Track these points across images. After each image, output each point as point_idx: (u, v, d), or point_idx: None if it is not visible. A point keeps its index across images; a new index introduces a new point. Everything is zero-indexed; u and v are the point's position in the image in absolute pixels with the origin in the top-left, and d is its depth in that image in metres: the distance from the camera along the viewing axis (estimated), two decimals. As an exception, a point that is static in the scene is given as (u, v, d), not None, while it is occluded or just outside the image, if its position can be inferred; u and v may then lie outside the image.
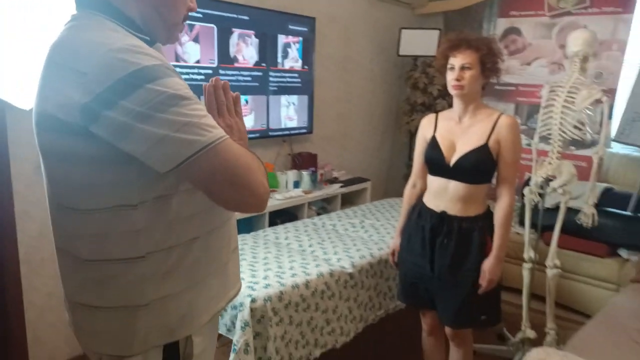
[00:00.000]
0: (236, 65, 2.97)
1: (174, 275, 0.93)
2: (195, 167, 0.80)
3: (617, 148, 3.60)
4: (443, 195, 1.82)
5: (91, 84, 0.76)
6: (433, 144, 1.85)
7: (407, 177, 4.37)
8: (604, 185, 3.33)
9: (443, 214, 1.81)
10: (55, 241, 0.96)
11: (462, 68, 1.75)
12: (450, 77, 1.79)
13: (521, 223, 3.41)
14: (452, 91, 1.80)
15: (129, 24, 0.89)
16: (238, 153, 0.85)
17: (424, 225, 1.86)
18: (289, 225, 2.73)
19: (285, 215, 3.08)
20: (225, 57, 2.90)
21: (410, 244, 1.92)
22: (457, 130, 1.81)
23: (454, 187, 1.79)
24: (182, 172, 0.81)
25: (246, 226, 2.79)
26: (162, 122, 0.77)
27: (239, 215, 1.68)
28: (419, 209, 1.92)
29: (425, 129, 1.92)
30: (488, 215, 1.83)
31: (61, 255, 0.96)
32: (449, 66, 1.80)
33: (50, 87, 0.82)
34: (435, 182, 1.86)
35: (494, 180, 1.85)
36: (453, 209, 1.80)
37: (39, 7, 1.91)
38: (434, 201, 1.86)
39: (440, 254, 1.81)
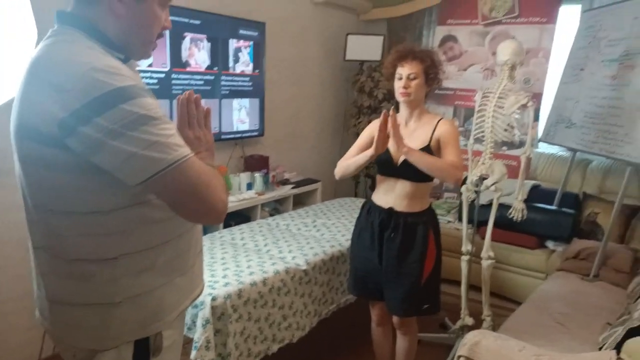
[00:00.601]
0: (188, 69, 3.02)
1: (146, 275, 1.00)
2: (161, 183, 0.88)
3: (543, 148, 3.94)
4: (391, 192, 1.99)
5: (69, 100, 0.83)
6: None
7: (355, 177, 4.59)
8: (532, 182, 3.64)
9: (391, 210, 1.98)
10: (33, 241, 1.01)
11: (409, 77, 1.93)
12: (398, 85, 1.96)
13: (459, 219, 3.67)
14: (399, 98, 1.98)
15: (106, 41, 0.96)
16: (200, 171, 0.93)
17: (372, 220, 2.02)
18: (243, 226, 2.81)
19: (239, 217, 3.15)
20: (178, 62, 2.94)
21: (360, 239, 2.07)
22: (403, 133, 1.98)
23: (401, 185, 1.96)
24: (149, 186, 0.89)
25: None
26: (132, 139, 0.84)
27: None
28: (368, 206, 2.08)
29: (374, 131, 2.07)
30: (431, 211, 2.02)
31: (39, 254, 1.00)
32: (396, 75, 1.97)
33: (30, 100, 0.88)
34: (383, 181, 2.02)
35: (436, 180, 2.03)
36: (400, 205, 1.97)
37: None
38: (382, 198, 2.02)
39: (388, 247, 1.97)
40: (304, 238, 2.61)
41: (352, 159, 1.99)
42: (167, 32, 2.86)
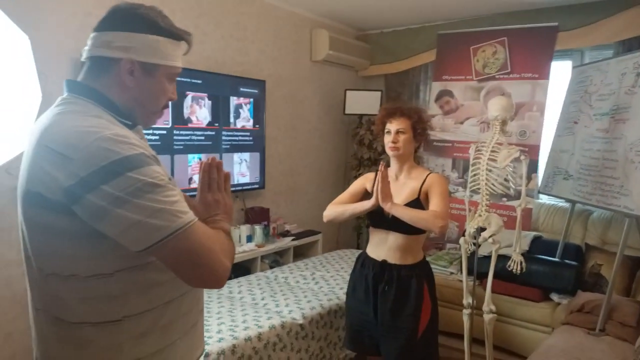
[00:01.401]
0: (190, 125, 3.11)
1: (148, 337, 0.99)
2: (164, 250, 0.89)
3: (545, 199, 3.95)
4: (383, 245, 1.99)
5: (76, 169, 0.85)
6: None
7: (357, 228, 4.60)
8: (534, 233, 3.62)
9: (384, 263, 1.97)
10: (35, 302, 1.00)
11: (397, 132, 1.99)
12: (387, 140, 2.02)
13: (461, 270, 3.63)
14: (389, 152, 2.03)
15: (114, 109, 1.00)
16: (203, 237, 0.94)
17: (367, 274, 2.01)
18: (242, 279, 2.80)
19: (238, 270, 3.14)
20: (180, 119, 3.03)
21: (355, 293, 2.06)
22: (394, 187, 2.01)
23: (393, 237, 1.97)
24: (153, 252, 0.90)
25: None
26: (137, 207, 0.86)
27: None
28: (362, 259, 2.07)
29: (366, 182, 2.13)
30: (425, 263, 2.02)
31: (40, 316, 0.99)
32: (386, 130, 2.04)
33: (37, 168, 0.91)
34: (376, 234, 2.03)
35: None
36: (393, 258, 1.97)
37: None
38: (375, 251, 2.02)
39: (382, 300, 1.95)
40: (302, 291, 2.59)
41: (350, 206, 2.01)
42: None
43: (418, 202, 1.95)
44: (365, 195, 2.08)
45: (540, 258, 3.27)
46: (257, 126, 3.68)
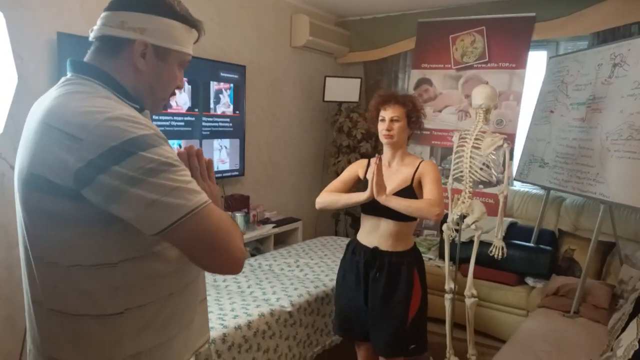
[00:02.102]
0: (170, 111, 3.03)
1: (149, 331, 0.96)
2: (180, 231, 0.85)
3: (519, 186, 4.05)
4: (375, 232, 2.00)
5: (86, 150, 0.81)
6: (366, 185, 2.03)
7: (336, 215, 4.61)
8: (510, 219, 3.71)
9: (375, 250, 1.99)
10: (32, 294, 0.96)
11: (392, 120, 1.98)
12: (382, 128, 2.02)
13: (440, 256, 3.70)
14: (383, 140, 2.03)
15: (122, 92, 0.96)
16: (220, 218, 0.90)
17: (358, 261, 2.02)
18: (224, 267, 2.76)
19: (219, 258, 3.10)
20: (159, 103, 2.95)
21: (346, 280, 2.07)
22: (386, 174, 2.02)
23: (385, 224, 1.98)
24: (169, 235, 0.85)
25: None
26: (152, 186, 0.82)
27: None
28: (353, 246, 2.08)
29: (358, 169, 2.12)
30: (415, 250, 2.04)
31: (37, 309, 0.95)
32: (380, 118, 2.03)
33: (42, 150, 0.86)
34: (368, 221, 2.04)
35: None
36: (384, 245, 1.98)
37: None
38: (367, 238, 2.03)
39: (373, 287, 1.97)
40: (288, 279, 2.59)
41: (344, 195, 2.01)
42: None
43: (411, 190, 1.96)
44: (357, 182, 2.08)
45: (517, 244, 3.37)
46: (237, 112, 3.62)
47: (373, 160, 2.12)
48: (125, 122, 0.84)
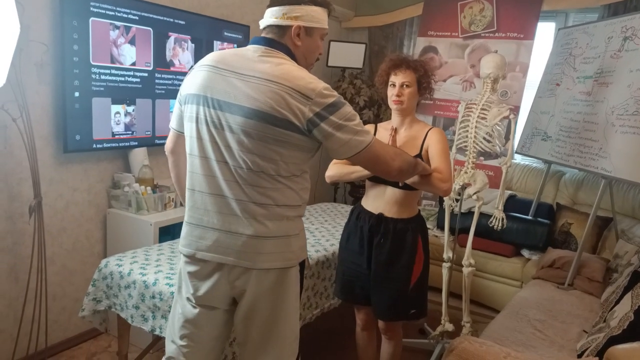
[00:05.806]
0: (172, 69, 2.97)
1: (302, 221, 1.50)
2: (361, 157, 1.40)
3: (519, 159, 4.05)
4: (381, 198, 2.00)
5: (314, 105, 1.30)
6: None
7: (334, 182, 4.59)
8: (509, 192, 3.73)
9: (380, 216, 1.99)
10: (234, 195, 1.37)
11: (402, 85, 1.95)
12: (391, 93, 1.98)
13: (438, 226, 3.73)
14: (392, 105, 1.99)
15: (296, 62, 1.41)
16: (381, 147, 1.46)
17: (362, 225, 2.02)
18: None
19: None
20: (162, 61, 2.89)
21: (349, 244, 2.07)
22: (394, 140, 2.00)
23: (391, 191, 1.97)
24: (353, 158, 1.40)
25: (166, 235, 2.76)
26: (350, 129, 1.34)
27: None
28: (357, 212, 2.08)
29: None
30: (420, 217, 2.04)
31: (245, 205, 1.37)
32: (390, 83, 1.99)
33: (282, 100, 1.29)
34: (373, 187, 2.03)
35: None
36: (390, 212, 1.98)
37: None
38: (372, 204, 2.03)
39: (377, 252, 1.98)
40: (288, 243, 2.59)
41: (356, 168, 1.87)
42: (151, 31, 2.82)
43: (419, 158, 1.94)
44: None
45: (515, 216, 3.40)
46: (240, 74, 3.55)
47: (381, 126, 2.10)
48: (330, 90, 1.33)
